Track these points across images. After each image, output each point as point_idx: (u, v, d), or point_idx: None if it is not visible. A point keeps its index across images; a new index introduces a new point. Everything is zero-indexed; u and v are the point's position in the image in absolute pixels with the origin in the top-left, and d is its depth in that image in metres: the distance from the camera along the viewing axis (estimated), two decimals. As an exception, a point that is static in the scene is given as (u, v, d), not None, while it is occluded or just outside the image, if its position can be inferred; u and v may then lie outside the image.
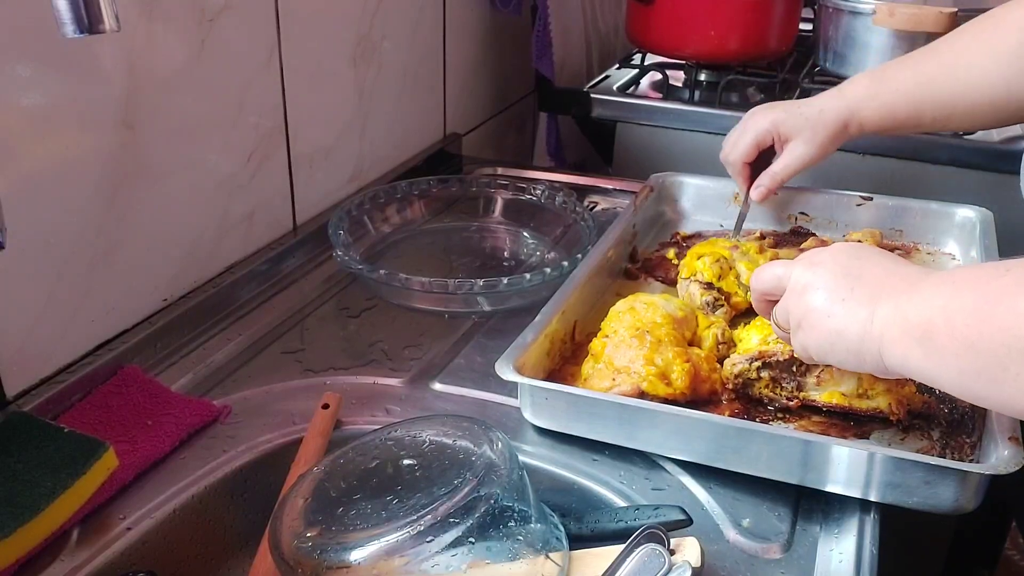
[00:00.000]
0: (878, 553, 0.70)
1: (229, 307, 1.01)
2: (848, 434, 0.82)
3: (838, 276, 0.68)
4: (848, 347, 0.66)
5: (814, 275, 0.70)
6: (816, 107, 1.07)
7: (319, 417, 0.81)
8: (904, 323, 0.62)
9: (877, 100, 1.04)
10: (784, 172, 1.09)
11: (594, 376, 0.84)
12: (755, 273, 0.78)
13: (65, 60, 0.79)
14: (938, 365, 0.60)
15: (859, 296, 0.66)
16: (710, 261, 1.00)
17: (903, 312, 0.62)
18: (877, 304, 0.64)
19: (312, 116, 1.14)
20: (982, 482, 0.70)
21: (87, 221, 0.84)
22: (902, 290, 0.64)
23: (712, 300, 0.98)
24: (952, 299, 0.59)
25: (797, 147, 1.08)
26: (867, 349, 0.65)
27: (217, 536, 0.77)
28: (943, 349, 0.59)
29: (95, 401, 0.82)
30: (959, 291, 0.59)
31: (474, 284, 1.00)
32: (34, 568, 0.66)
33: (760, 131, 1.10)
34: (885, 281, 0.65)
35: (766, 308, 0.79)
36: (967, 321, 0.57)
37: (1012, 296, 0.55)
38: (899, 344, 0.62)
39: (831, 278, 0.68)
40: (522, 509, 0.63)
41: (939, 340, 0.59)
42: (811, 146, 1.07)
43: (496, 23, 1.61)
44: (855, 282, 0.67)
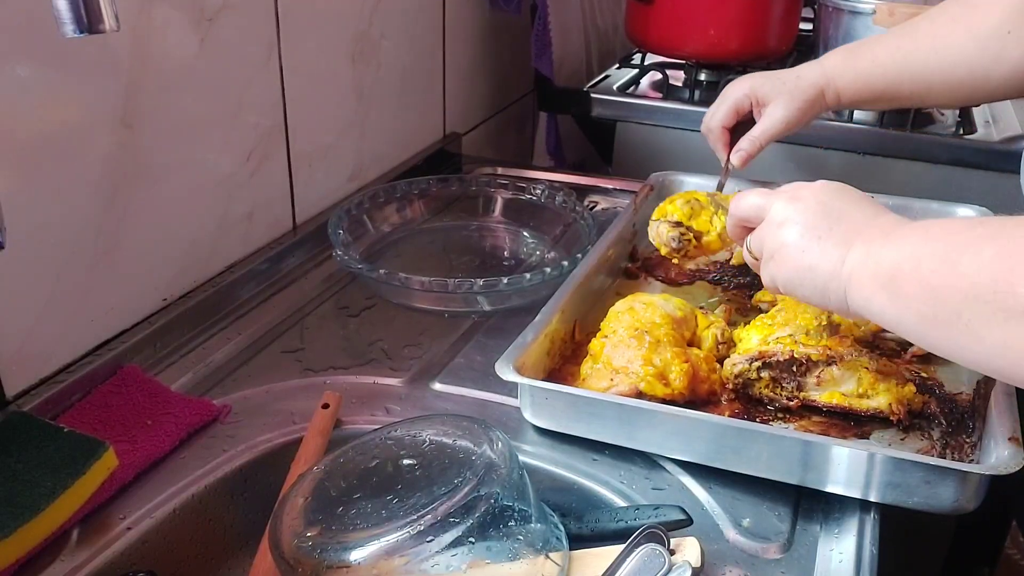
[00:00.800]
0: (878, 553, 0.70)
1: (229, 307, 1.01)
2: (848, 434, 0.82)
3: (818, 214, 0.69)
4: (816, 284, 0.67)
5: (794, 210, 0.70)
6: (794, 74, 1.08)
7: (319, 417, 0.81)
8: (874, 267, 0.63)
9: (854, 71, 1.05)
10: (763, 135, 1.09)
11: (592, 376, 0.84)
12: (736, 198, 0.78)
13: (65, 60, 0.79)
14: (900, 310, 0.61)
15: (835, 237, 0.67)
16: (682, 202, 0.99)
17: (875, 257, 0.63)
18: (851, 246, 0.65)
19: (312, 115, 1.14)
20: (982, 482, 0.70)
21: (87, 221, 0.84)
22: (876, 236, 0.65)
23: (678, 236, 0.96)
24: (922, 246, 0.60)
25: (775, 111, 1.08)
26: (833, 288, 0.66)
27: (217, 536, 0.77)
28: (907, 294, 0.60)
29: (95, 401, 0.82)
30: (930, 240, 0.60)
31: (474, 284, 1.00)
32: (34, 568, 0.66)
33: (738, 97, 1.10)
34: (863, 226, 0.66)
35: (741, 234, 0.79)
36: (933, 267, 0.58)
37: (978, 246, 0.56)
38: (865, 287, 0.63)
39: (810, 215, 0.69)
40: (522, 509, 0.63)
41: (904, 285, 0.60)
42: (788, 110, 1.07)
43: (496, 22, 1.61)
44: (834, 223, 0.68)
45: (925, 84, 1.02)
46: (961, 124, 1.49)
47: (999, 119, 1.49)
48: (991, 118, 1.50)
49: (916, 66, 1.02)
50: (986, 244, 0.55)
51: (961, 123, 1.49)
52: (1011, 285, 0.52)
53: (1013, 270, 0.52)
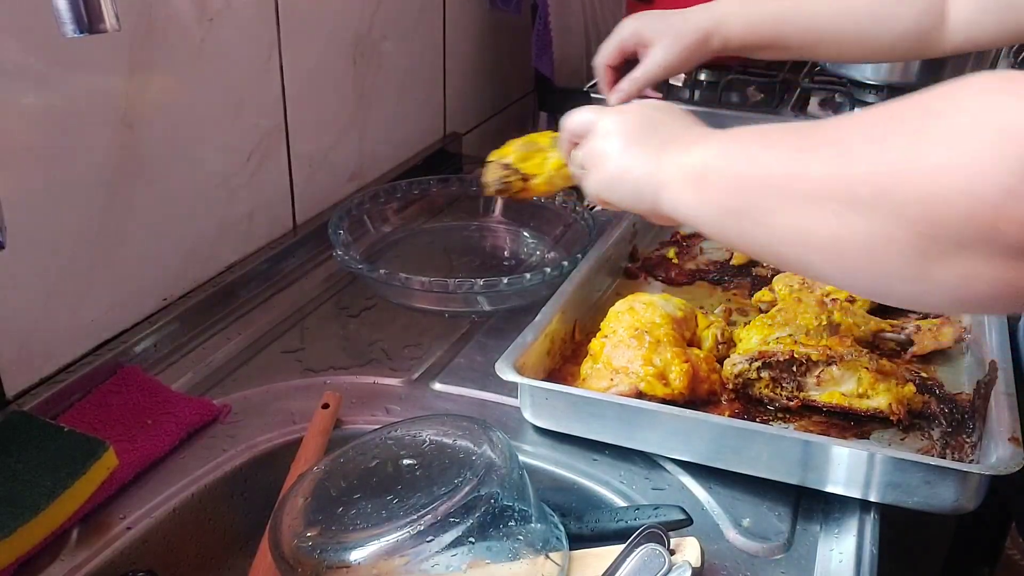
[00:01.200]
0: (878, 553, 0.70)
1: (229, 306, 1.01)
2: (848, 434, 0.82)
3: (639, 125, 0.72)
4: (631, 188, 0.70)
5: (619, 121, 0.73)
6: (682, 16, 1.06)
7: (319, 417, 0.81)
8: (685, 167, 0.65)
9: (743, 16, 1.03)
10: (643, 77, 1.07)
11: (592, 376, 0.84)
12: (567, 114, 0.80)
13: (65, 60, 0.79)
14: (704, 205, 0.63)
15: (653, 144, 0.69)
16: (520, 144, 0.97)
17: (687, 158, 0.65)
18: (666, 151, 0.68)
19: (312, 115, 1.14)
20: (982, 482, 0.70)
21: (87, 221, 0.84)
22: (688, 143, 0.67)
23: (500, 178, 0.95)
24: (729, 145, 0.63)
25: (656, 53, 1.06)
26: (647, 191, 0.68)
27: (217, 536, 0.77)
28: (712, 188, 0.62)
29: (95, 400, 0.82)
30: (739, 140, 0.62)
31: (474, 284, 1.00)
32: (34, 568, 0.66)
33: (624, 36, 1.08)
34: (680, 134, 0.69)
35: (568, 150, 0.81)
36: (737, 163, 0.61)
37: (778, 140, 0.58)
38: (675, 186, 0.65)
39: (632, 126, 0.72)
40: (522, 509, 0.63)
41: (711, 180, 0.62)
42: (670, 53, 1.05)
43: (496, 22, 1.61)
44: (652, 132, 0.70)
45: (815, 36, 1.00)
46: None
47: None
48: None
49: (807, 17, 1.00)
50: (785, 138, 0.58)
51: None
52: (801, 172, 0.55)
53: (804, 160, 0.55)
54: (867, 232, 0.51)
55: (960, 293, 0.50)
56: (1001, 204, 0.46)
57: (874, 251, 0.51)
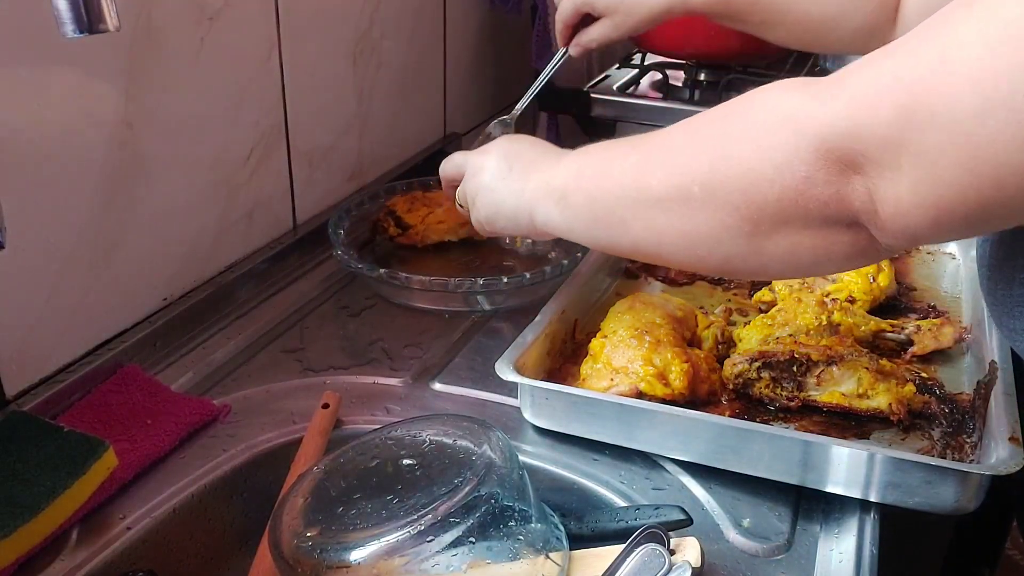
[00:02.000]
0: (878, 553, 0.70)
1: (229, 306, 1.01)
2: (848, 434, 0.82)
3: (501, 158, 0.81)
4: (508, 214, 0.79)
5: (484, 159, 0.82)
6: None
7: (319, 416, 0.81)
8: (547, 188, 0.74)
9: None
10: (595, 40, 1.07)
11: (593, 376, 0.84)
12: (442, 164, 0.90)
13: (65, 60, 0.79)
14: (571, 218, 0.72)
15: (516, 173, 0.79)
16: None
17: (547, 180, 0.75)
18: (528, 178, 0.77)
19: (312, 115, 1.14)
20: (982, 482, 0.70)
21: (87, 221, 0.84)
22: (549, 164, 0.76)
23: None
24: (583, 164, 0.73)
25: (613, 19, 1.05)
26: (523, 214, 0.77)
27: (217, 536, 0.77)
28: (574, 204, 0.71)
29: (95, 400, 0.82)
30: (589, 158, 0.72)
31: (474, 283, 1.00)
32: (34, 567, 0.66)
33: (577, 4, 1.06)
34: (537, 160, 0.78)
35: (451, 193, 0.90)
36: (592, 179, 0.70)
37: (624, 155, 0.68)
38: (543, 205, 0.74)
39: (496, 160, 0.81)
40: (522, 509, 0.63)
41: (572, 197, 0.72)
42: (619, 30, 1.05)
43: (496, 22, 1.61)
44: (514, 162, 0.80)
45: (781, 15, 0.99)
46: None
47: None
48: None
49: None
50: (630, 152, 0.67)
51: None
52: (645, 180, 0.64)
53: (645, 169, 0.64)
54: (707, 223, 0.60)
55: (793, 260, 0.60)
56: (802, 188, 0.55)
57: (715, 238, 0.61)
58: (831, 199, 0.54)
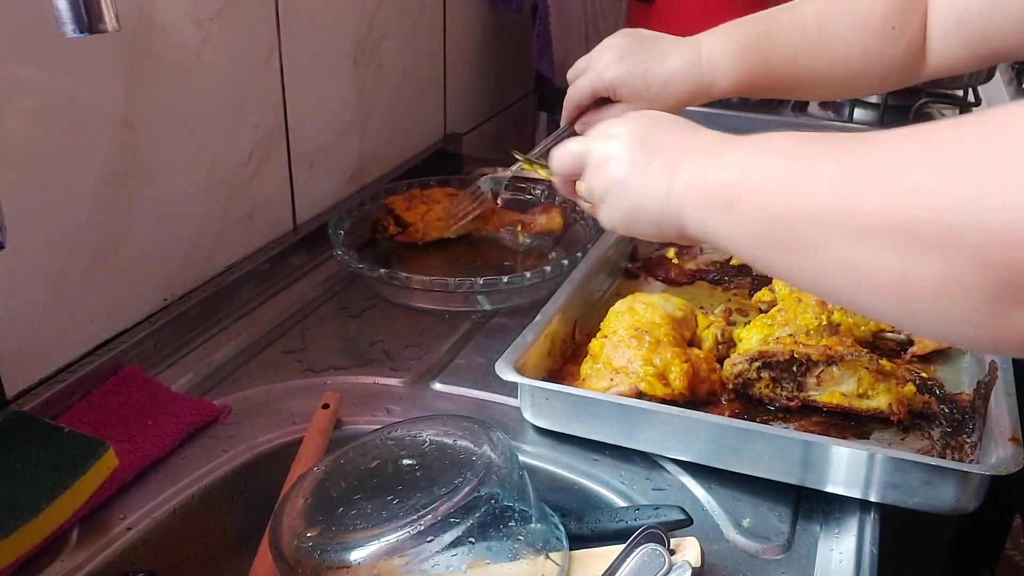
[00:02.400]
0: (878, 553, 0.70)
1: (229, 307, 1.01)
2: (848, 434, 0.82)
3: (635, 147, 0.67)
4: (650, 218, 0.65)
5: (612, 147, 0.68)
6: (663, 77, 0.96)
7: (319, 417, 0.81)
8: (707, 188, 0.60)
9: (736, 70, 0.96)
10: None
11: (592, 376, 0.84)
12: (553, 154, 0.75)
13: (65, 60, 0.79)
14: (736, 231, 0.58)
15: (657, 166, 0.64)
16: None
17: (706, 176, 0.61)
18: (676, 173, 0.63)
19: (312, 115, 1.14)
20: (982, 482, 0.70)
21: (87, 221, 0.84)
22: (704, 153, 0.62)
23: None
24: (759, 164, 0.57)
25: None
26: (669, 218, 0.63)
27: (217, 536, 0.77)
28: (744, 215, 0.56)
29: (95, 401, 0.82)
30: (767, 156, 0.57)
31: (474, 283, 1.00)
32: (34, 568, 0.66)
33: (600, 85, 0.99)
34: (684, 146, 0.64)
35: (570, 189, 0.76)
36: (772, 188, 0.55)
37: (819, 164, 0.53)
38: (700, 210, 0.61)
39: (628, 150, 0.67)
40: (522, 509, 0.63)
41: (741, 207, 0.57)
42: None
43: (496, 23, 1.61)
44: (652, 151, 0.65)
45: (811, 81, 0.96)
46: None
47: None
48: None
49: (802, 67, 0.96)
50: (827, 162, 0.52)
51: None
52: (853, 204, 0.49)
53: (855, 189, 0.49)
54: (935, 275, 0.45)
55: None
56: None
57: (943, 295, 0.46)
58: None
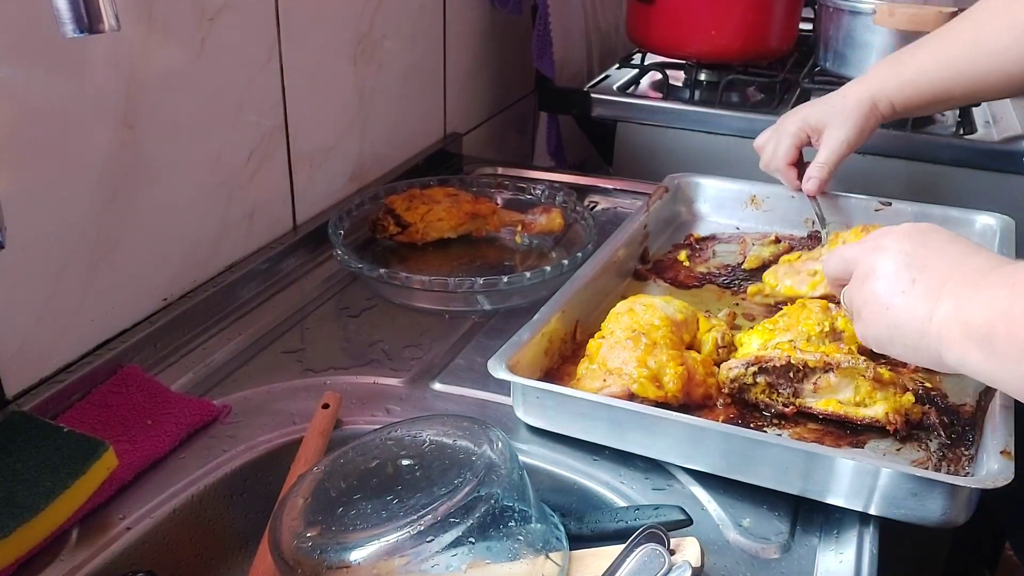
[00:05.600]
0: (878, 552, 0.70)
1: (229, 306, 1.01)
2: (843, 443, 0.81)
3: (901, 266, 0.67)
4: (906, 342, 0.66)
5: (878, 262, 0.69)
6: (840, 95, 1.09)
7: (319, 417, 0.81)
8: (964, 324, 0.61)
9: (900, 79, 1.05)
10: (829, 160, 1.09)
11: (587, 376, 0.84)
12: (826, 257, 0.78)
13: (65, 60, 0.79)
14: (999, 369, 0.59)
15: (920, 290, 0.65)
16: None
17: (963, 312, 0.61)
18: (938, 301, 0.63)
19: (312, 116, 1.14)
20: (972, 496, 0.69)
21: (87, 221, 0.84)
22: (964, 287, 0.62)
23: None
24: (1014, 302, 0.58)
25: (833, 132, 1.08)
26: (925, 346, 0.64)
27: (217, 536, 0.77)
28: (1003, 354, 0.58)
29: (95, 401, 0.82)
30: (1020, 294, 0.58)
31: (474, 283, 1.00)
32: (34, 568, 0.66)
33: (793, 131, 1.11)
34: (949, 275, 0.64)
35: (837, 291, 0.79)
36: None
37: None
38: (958, 345, 0.61)
39: (894, 267, 0.67)
40: (522, 509, 0.63)
41: (999, 344, 0.58)
42: (845, 129, 1.07)
43: (496, 23, 1.61)
44: (918, 273, 0.65)
45: (976, 83, 1.01)
46: (961, 124, 1.48)
47: (999, 119, 1.49)
48: (991, 118, 1.49)
49: (963, 67, 1.01)
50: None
51: (961, 123, 1.49)
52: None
53: None
54: None
55: None
56: None
57: None
58: None
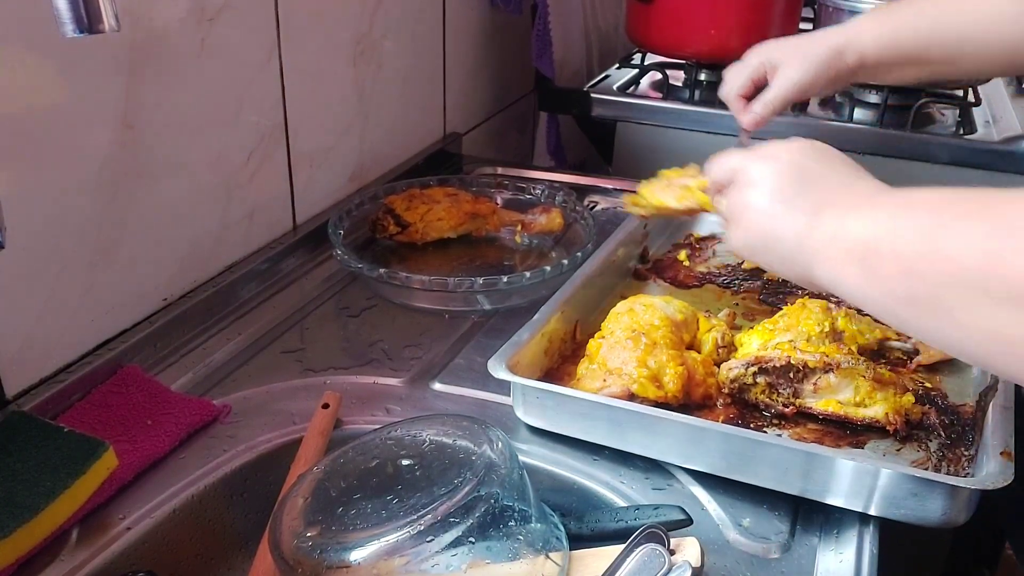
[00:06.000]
0: (878, 552, 0.70)
1: (229, 306, 1.01)
2: (843, 443, 0.81)
3: (789, 177, 0.64)
4: (781, 253, 0.63)
5: (766, 171, 0.66)
6: (811, 37, 1.03)
7: (319, 417, 0.81)
8: (846, 240, 0.58)
9: (880, 28, 0.97)
10: (775, 99, 1.04)
11: (587, 376, 0.84)
12: (712, 160, 0.74)
13: (65, 60, 0.79)
14: (873, 289, 0.56)
15: (805, 202, 0.62)
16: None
17: (848, 228, 0.58)
18: (821, 216, 0.60)
19: (312, 116, 1.14)
20: (971, 496, 0.69)
21: (87, 221, 0.84)
22: (850, 206, 0.60)
23: None
24: (902, 221, 0.55)
25: (787, 72, 1.02)
26: (800, 260, 0.61)
27: (217, 536, 0.77)
28: (882, 273, 0.55)
29: (95, 401, 0.82)
30: (911, 214, 0.55)
31: (474, 282, 1.00)
32: (34, 568, 0.66)
33: (755, 65, 1.06)
34: (837, 192, 0.62)
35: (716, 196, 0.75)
36: (913, 247, 0.53)
37: (964, 224, 0.50)
38: (835, 262, 0.58)
39: (782, 178, 0.64)
40: (522, 509, 0.63)
41: (880, 264, 0.55)
42: (800, 71, 1.01)
43: (496, 22, 1.61)
44: (805, 186, 0.63)
45: (956, 48, 0.94)
46: (961, 124, 1.48)
47: (999, 119, 1.49)
48: (991, 118, 1.50)
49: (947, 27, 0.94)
50: (973, 222, 0.50)
51: (961, 123, 1.49)
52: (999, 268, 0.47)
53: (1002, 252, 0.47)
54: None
55: None
56: None
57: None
58: None
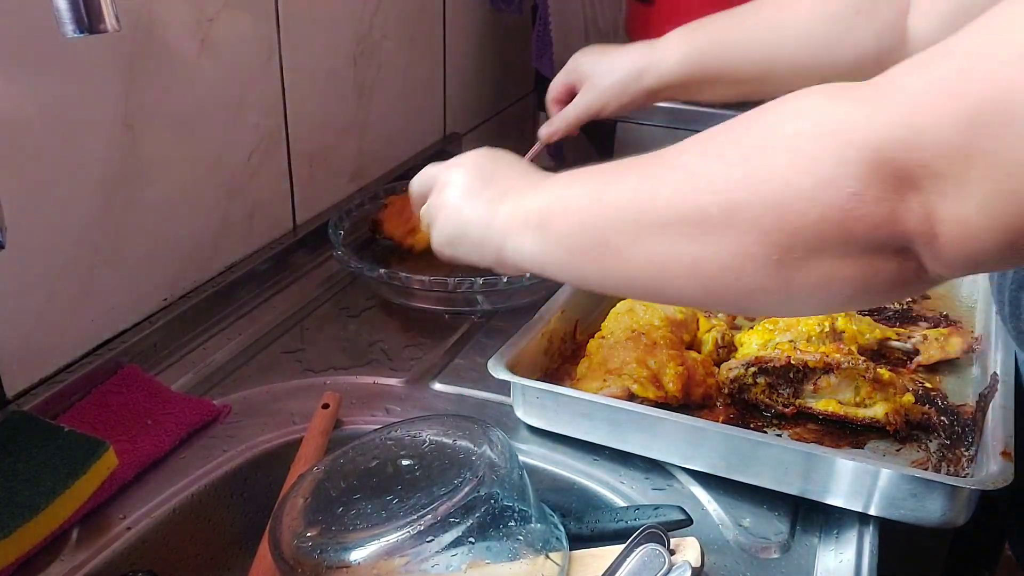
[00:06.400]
0: (878, 552, 0.70)
1: (229, 307, 1.01)
2: (843, 443, 0.81)
3: (473, 175, 0.72)
4: (472, 239, 0.70)
5: (454, 174, 0.73)
6: (622, 52, 1.01)
7: (319, 417, 0.81)
8: (524, 214, 0.65)
9: (687, 47, 0.96)
10: (567, 115, 1.05)
11: (587, 376, 0.84)
12: (412, 179, 0.82)
13: (65, 60, 0.79)
14: (550, 248, 0.62)
15: (489, 193, 0.69)
16: None
17: (524, 205, 0.65)
18: (502, 201, 0.67)
19: (312, 115, 1.14)
20: (971, 497, 0.68)
21: (87, 221, 0.84)
22: (526, 188, 0.67)
23: None
24: (570, 188, 0.63)
25: (583, 94, 1.03)
26: (489, 241, 0.68)
27: (217, 536, 0.77)
28: (556, 232, 0.62)
29: (95, 400, 0.82)
30: (578, 180, 0.63)
31: (474, 283, 1.00)
32: (34, 568, 0.66)
33: (569, 70, 1.05)
34: (514, 181, 0.69)
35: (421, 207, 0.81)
36: (581, 203, 0.60)
37: (621, 177, 0.58)
38: (516, 235, 0.65)
39: (467, 177, 0.72)
40: (522, 509, 0.63)
41: (553, 224, 0.62)
42: (592, 95, 1.02)
43: (496, 23, 1.61)
44: (487, 181, 0.71)
45: (768, 67, 0.92)
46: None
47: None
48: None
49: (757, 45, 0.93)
50: (628, 173, 0.58)
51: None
52: (650, 203, 0.55)
53: (651, 190, 0.55)
54: (726, 251, 0.51)
55: (823, 295, 0.51)
56: (848, 208, 0.46)
57: (736, 269, 0.51)
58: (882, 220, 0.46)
